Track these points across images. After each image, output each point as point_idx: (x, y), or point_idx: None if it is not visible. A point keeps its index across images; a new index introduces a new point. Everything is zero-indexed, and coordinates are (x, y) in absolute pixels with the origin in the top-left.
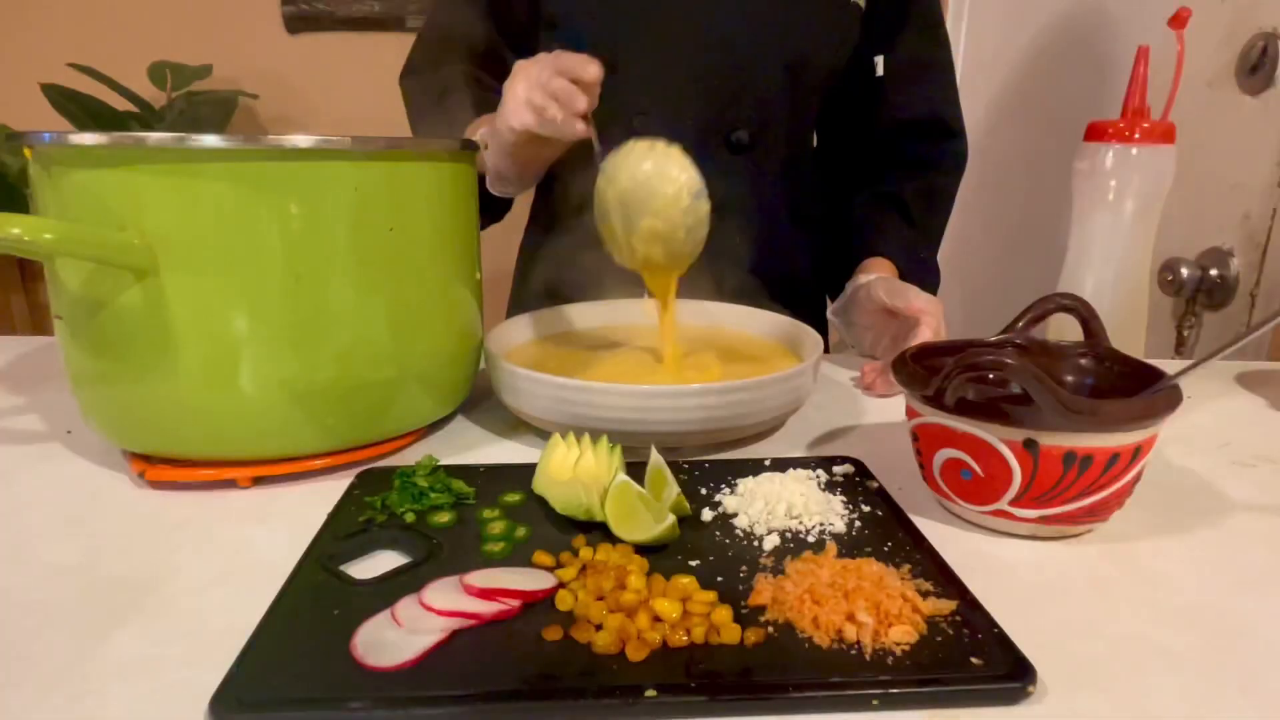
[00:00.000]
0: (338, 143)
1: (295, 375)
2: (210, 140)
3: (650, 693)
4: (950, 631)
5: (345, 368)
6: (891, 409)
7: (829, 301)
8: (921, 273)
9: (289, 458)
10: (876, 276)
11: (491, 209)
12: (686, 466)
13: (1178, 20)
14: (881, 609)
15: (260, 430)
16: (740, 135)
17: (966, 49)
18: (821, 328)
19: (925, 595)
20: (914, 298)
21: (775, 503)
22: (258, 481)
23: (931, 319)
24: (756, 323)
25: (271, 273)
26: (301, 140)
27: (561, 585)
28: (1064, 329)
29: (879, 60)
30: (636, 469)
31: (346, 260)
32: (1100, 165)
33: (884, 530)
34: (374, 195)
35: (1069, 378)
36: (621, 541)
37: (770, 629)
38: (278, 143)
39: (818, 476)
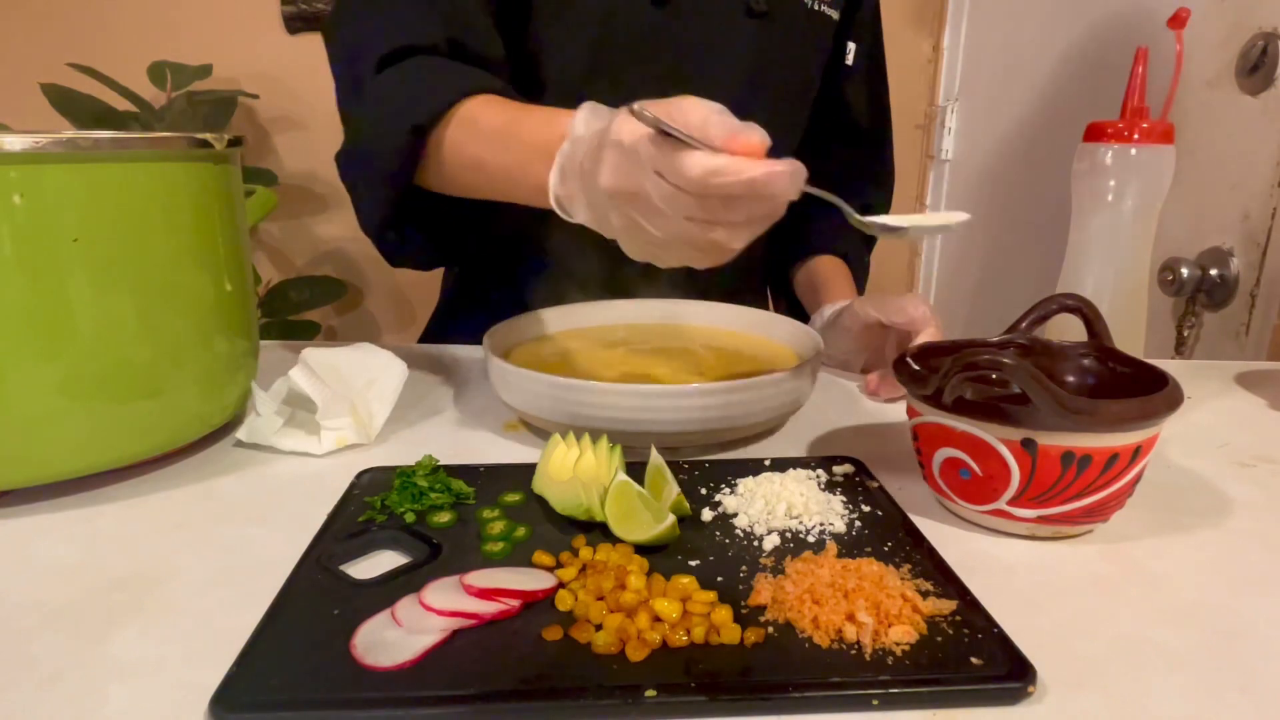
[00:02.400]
0: None
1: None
2: None
3: (650, 693)
4: (950, 631)
5: (76, 384)
6: (891, 409)
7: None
8: (863, 272)
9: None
10: (850, 301)
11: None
12: (686, 466)
13: (1177, 20)
14: (881, 609)
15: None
16: None
17: (967, 49)
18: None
19: (925, 595)
20: (910, 308)
21: (775, 503)
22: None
23: (932, 326)
24: (757, 323)
25: None
26: None
27: (561, 585)
28: (1066, 329)
29: (851, 47)
30: (636, 469)
31: (19, 273)
32: (1099, 165)
33: (884, 530)
34: (48, 202)
35: (1071, 378)
36: (621, 541)
37: (770, 629)
38: None
39: (818, 476)
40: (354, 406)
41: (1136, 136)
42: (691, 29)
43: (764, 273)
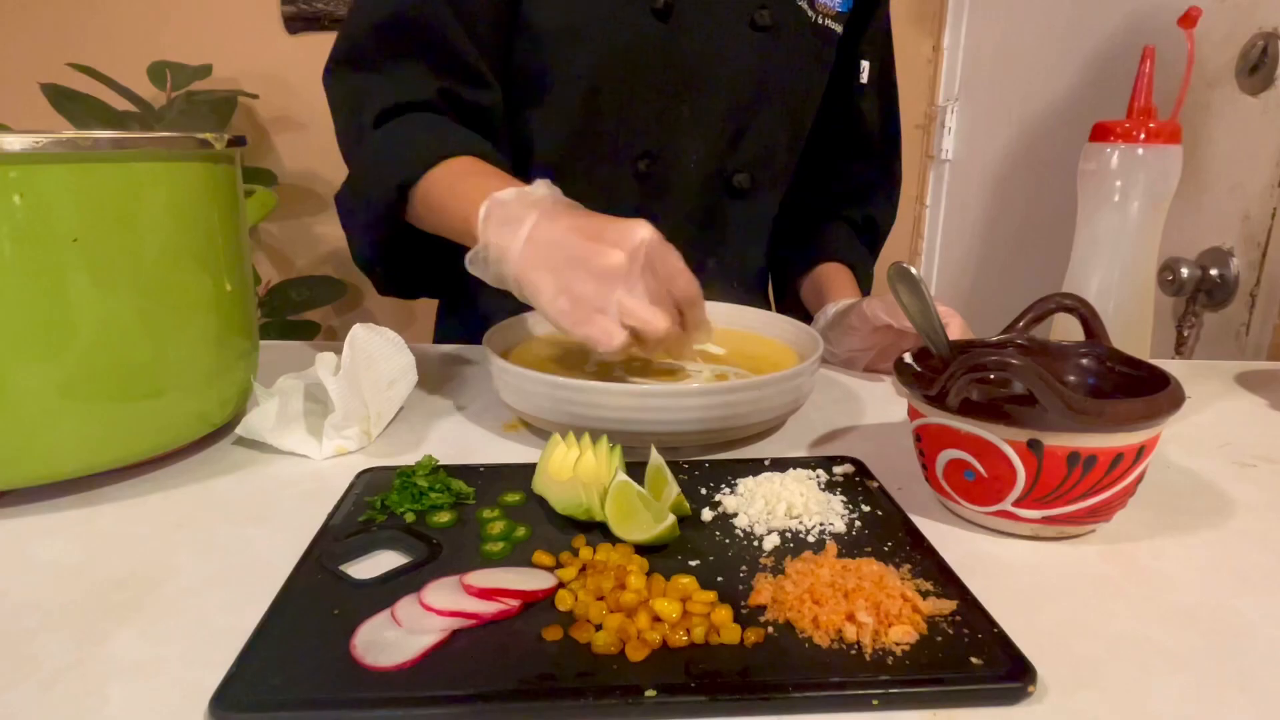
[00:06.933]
0: None
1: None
2: None
3: (650, 693)
4: (950, 631)
5: (74, 383)
6: (892, 409)
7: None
8: (867, 281)
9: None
10: (862, 300)
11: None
12: (686, 466)
13: (1187, 19)
14: (881, 609)
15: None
16: (741, 179)
17: (967, 49)
18: None
19: (925, 595)
20: None
21: (775, 503)
22: None
23: (954, 326)
24: (757, 323)
25: None
26: None
27: (561, 585)
28: (1067, 329)
29: (864, 65)
30: (636, 469)
31: (19, 273)
32: (1106, 165)
33: (884, 530)
34: (48, 202)
35: (1070, 377)
36: (621, 541)
37: (770, 629)
38: None
39: (818, 476)
40: (366, 416)
41: (1143, 136)
42: (695, 42)
43: (768, 280)
